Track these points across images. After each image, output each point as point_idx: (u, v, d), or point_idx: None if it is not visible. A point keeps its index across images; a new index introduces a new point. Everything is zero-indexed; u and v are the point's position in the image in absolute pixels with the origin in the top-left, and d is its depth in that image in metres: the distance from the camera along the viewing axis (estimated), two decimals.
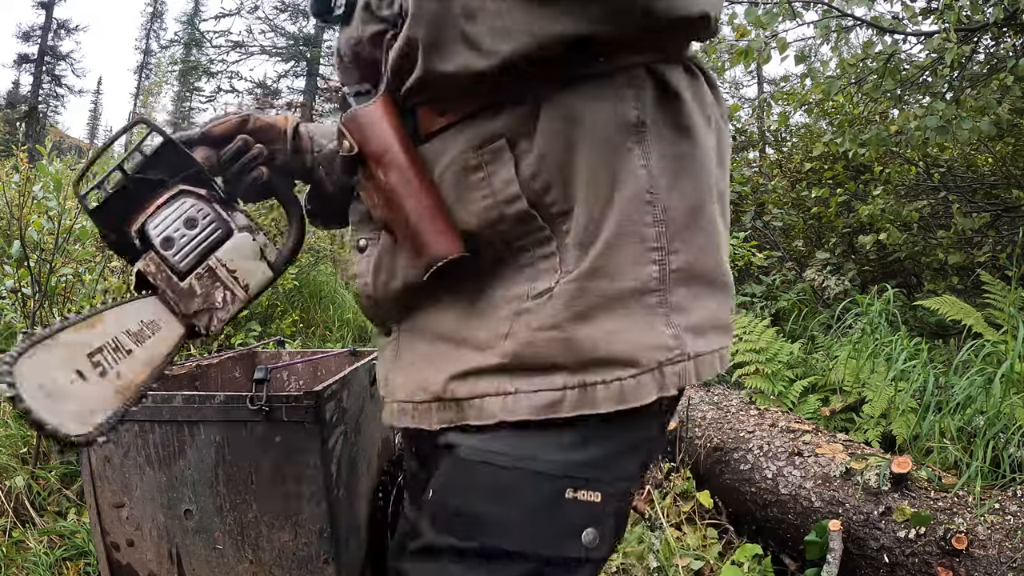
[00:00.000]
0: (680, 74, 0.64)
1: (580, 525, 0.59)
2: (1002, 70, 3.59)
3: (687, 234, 0.62)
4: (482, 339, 0.62)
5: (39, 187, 2.40)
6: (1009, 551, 1.43)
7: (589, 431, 0.59)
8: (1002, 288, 3.34)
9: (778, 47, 3.81)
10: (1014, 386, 2.17)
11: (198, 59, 22.42)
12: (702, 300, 0.63)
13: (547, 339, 0.59)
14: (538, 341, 0.59)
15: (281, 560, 1.27)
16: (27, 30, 25.31)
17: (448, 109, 0.63)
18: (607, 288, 0.59)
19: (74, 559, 1.85)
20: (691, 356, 0.61)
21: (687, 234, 0.62)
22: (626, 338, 0.59)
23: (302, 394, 1.21)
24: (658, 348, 0.59)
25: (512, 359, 0.59)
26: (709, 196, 0.65)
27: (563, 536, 0.59)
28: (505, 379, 0.60)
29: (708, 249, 0.64)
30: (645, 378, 0.58)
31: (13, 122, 20.18)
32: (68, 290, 2.53)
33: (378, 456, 1.70)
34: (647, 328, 0.59)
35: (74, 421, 0.57)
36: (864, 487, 1.71)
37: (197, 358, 1.84)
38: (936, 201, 4.76)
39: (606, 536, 0.60)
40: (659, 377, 0.59)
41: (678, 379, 0.60)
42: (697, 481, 2.18)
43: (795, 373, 3.12)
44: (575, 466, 0.59)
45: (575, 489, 0.58)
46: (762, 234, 5.90)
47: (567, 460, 0.59)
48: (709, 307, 0.64)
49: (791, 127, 6.98)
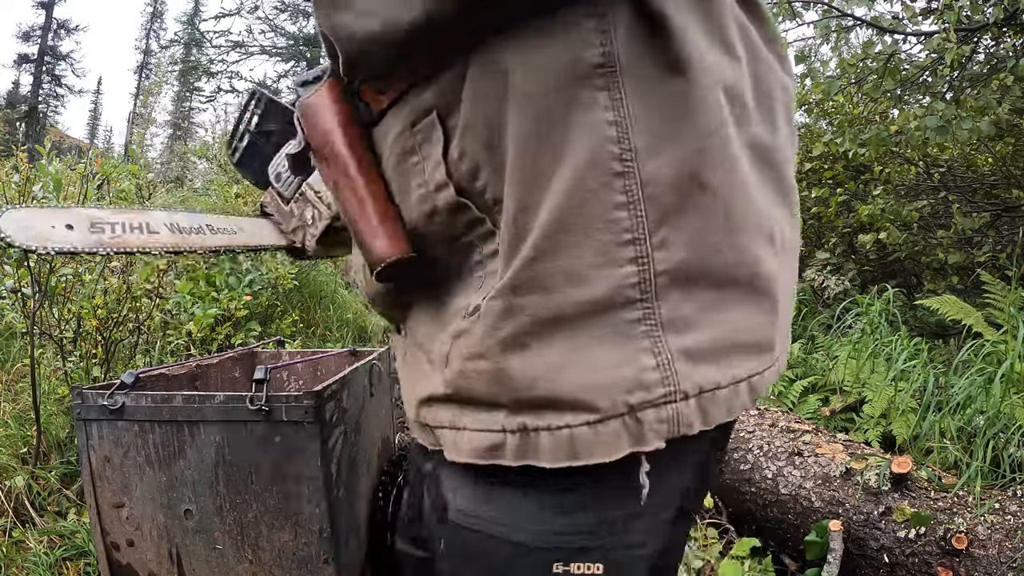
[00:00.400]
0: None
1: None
2: (1002, 70, 3.59)
3: (683, 216, 0.44)
4: (435, 358, 0.51)
5: (39, 187, 2.39)
6: (1009, 551, 1.43)
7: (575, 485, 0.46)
8: (1002, 288, 3.34)
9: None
10: (1014, 386, 2.17)
11: (198, 59, 22.42)
12: (717, 310, 0.46)
13: (475, 370, 0.46)
14: (468, 371, 0.47)
15: (281, 560, 1.27)
16: (27, 30, 25.33)
17: (387, 86, 0.52)
18: (544, 304, 0.44)
19: (74, 559, 1.85)
20: (690, 394, 0.44)
21: (683, 216, 0.44)
22: (578, 372, 0.44)
23: (302, 394, 1.21)
24: (630, 385, 0.43)
25: (454, 389, 0.49)
26: (719, 157, 0.45)
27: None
28: (454, 410, 0.50)
29: (719, 234, 0.45)
30: (608, 427, 0.43)
31: (13, 122, 20.17)
32: (68, 290, 2.52)
33: (378, 456, 1.70)
34: (613, 355, 0.44)
35: (29, 240, 0.69)
36: (864, 487, 1.71)
37: (197, 358, 1.84)
38: (936, 201, 4.76)
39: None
40: (631, 425, 0.43)
41: (667, 427, 0.44)
42: None
43: (795, 373, 3.12)
44: (561, 535, 0.46)
45: (567, 561, 0.46)
46: None
47: (549, 528, 0.46)
48: (729, 319, 0.46)
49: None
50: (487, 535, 0.48)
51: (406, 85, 0.51)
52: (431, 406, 0.52)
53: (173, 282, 3.02)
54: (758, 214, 0.48)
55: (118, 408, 1.24)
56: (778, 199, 0.52)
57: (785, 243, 0.52)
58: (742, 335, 0.47)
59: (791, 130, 0.55)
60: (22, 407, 2.60)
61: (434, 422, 0.52)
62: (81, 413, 1.25)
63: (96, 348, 2.52)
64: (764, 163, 0.50)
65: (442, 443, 0.52)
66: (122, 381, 1.26)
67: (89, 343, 2.54)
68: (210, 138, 22.45)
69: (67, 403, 2.47)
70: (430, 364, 0.52)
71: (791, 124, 0.55)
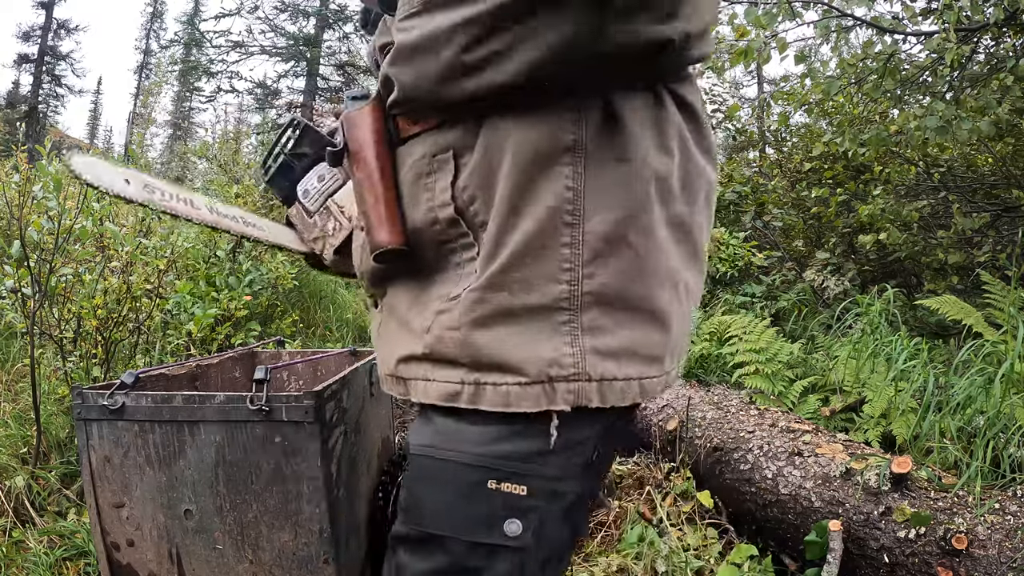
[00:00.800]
0: (636, 102, 0.64)
1: (502, 515, 0.62)
2: (1002, 70, 3.59)
3: (609, 259, 0.63)
4: (416, 328, 0.68)
5: (39, 187, 2.39)
6: (1009, 551, 1.43)
7: (512, 427, 0.63)
8: (1002, 288, 3.34)
9: (778, 47, 3.81)
10: (1014, 386, 2.17)
11: (198, 59, 22.41)
12: (624, 327, 0.63)
13: (450, 338, 0.64)
14: (444, 338, 0.64)
15: (281, 560, 1.27)
16: (27, 30, 25.32)
17: (419, 119, 0.70)
18: (505, 301, 0.62)
19: (74, 559, 1.85)
20: (592, 378, 0.62)
21: (609, 259, 0.63)
22: (519, 349, 0.62)
23: (302, 394, 1.22)
24: (551, 363, 0.61)
25: (430, 350, 0.66)
26: (642, 224, 0.64)
27: (483, 523, 0.62)
28: (427, 366, 0.67)
29: (634, 276, 0.63)
30: (533, 389, 0.61)
31: (13, 122, 20.17)
32: (68, 290, 2.52)
33: (378, 456, 1.70)
34: (544, 343, 0.62)
35: (98, 179, 0.80)
36: (864, 487, 1.71)
37: (197, 358, 1.84)
38: (936, 201, 4.76)
39: (538, 531, 0.63)
40: (549, 391, 0.61)
41: (573, 397, 0.61)
42: (697, 481, 2.18)
43: (795, 373, 3.12)
44: (496, 459, 0.62)
45: (498, 481, 0.62)
46: (762, 234, 5.90)
47: (488, 452, 0.63)
48: (631, 335, 0.64)
49: (791, 127, 6.98)
50: (438, 459, 0.64)
51: (432, 125, 0.68)
52: (408, 363, 0.69)
53: (173, 282, 3.02)
54: (667, 268, 0.66)
55: (118, 408, 1.24)
56: (689, 261, 0.71)
57: (690, 292, 0.71)
58: (639, 348, 0.65)
59: (710, 212, 0.75)
60: (22, 407, 2.60)
61: (408, 375, 0.69)
62: (81, 413, 1.25)
63: (96, 348, 2.52)
64: (682, 232, 0.69)
65: (412, 391, 0.69)
66: (122, 381, 1.26)
67: (89, 343, 2.54)
68: (210, 138, 22.41)
69: (67, 403, 2.47)
70: (410, 332, 0.69)
71: (710, 207, 0.75)
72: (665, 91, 0.67)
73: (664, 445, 2.43)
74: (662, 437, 2.45)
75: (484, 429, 0.63)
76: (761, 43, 3.74)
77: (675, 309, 0.68)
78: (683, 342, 0.72)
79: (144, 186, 0.87)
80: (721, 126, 8.32)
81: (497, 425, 0.63)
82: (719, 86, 10.47)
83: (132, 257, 2.64)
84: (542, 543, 0.64)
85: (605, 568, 1.77)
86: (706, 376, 3.52)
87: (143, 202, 0.85)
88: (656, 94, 0.66)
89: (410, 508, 0.67)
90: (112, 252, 2.74)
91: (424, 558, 0.65)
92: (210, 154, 6.64)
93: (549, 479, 0.63)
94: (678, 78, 0.68)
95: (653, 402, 2.67)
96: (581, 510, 0.70)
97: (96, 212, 2.55)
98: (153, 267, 2.78)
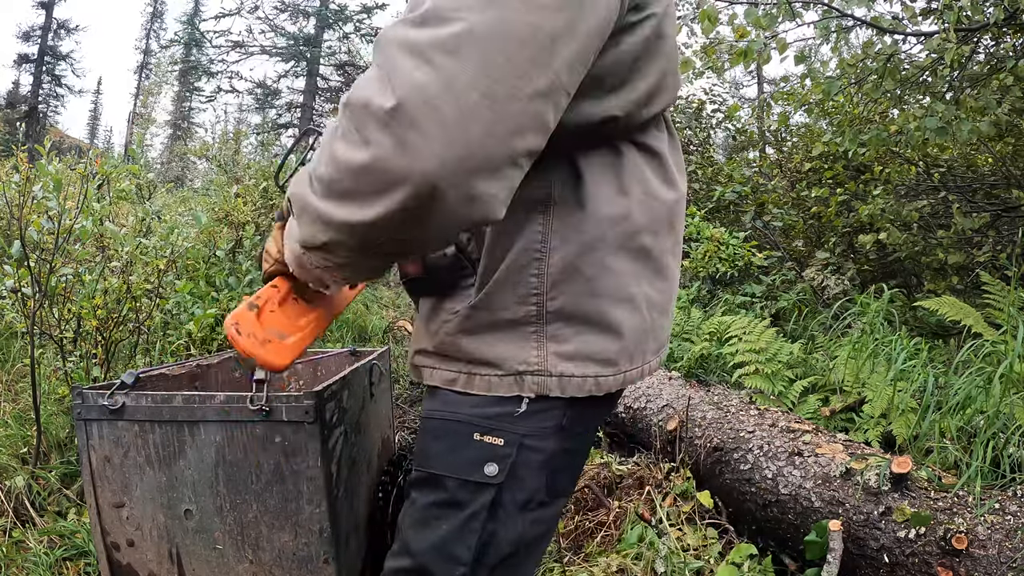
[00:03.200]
0: (594, 158, 0.79)
1: (484, 459, 0.80)
2: (1002, 70, 3.60)
3: (566, 285, 0.80)
4: (430, 330, 0.88)
5: (39, 187, 2.39)
6: (1009, 551, 1.44)
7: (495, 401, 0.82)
8: (1002, 288, 3.34)
9: (778, 47, 3.81)
10: (1014, 386, 2.17)
11: (198, 59, 22.42)
12: (580, 336, 0.81)
13: (451, 341, 0.84)
14: (446, 341, 0.85)
15: (281, 560, 1.27)
16: (27, 30, 25.32)
17: None
18: (487, 317, 0.81)
19: (74, 559, 1.85)
20: (553, 374, 0.80)
21: (566, 285, 0.80)
22: (498, 350, 0.81)
23: (302, 394, 1.22)
24: (521, 362, 0.81)
25: (437, 348, 0.86)
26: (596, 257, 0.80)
27: (471, 465, 0.81)
28: (435, 359, 0.87)
29: (588, 298, 0.80)
30: (507, 379, 0.81)
31: (13, 122, 20.18)
32: (68, 290, 2.52)
33: (378, 456, 1.70)
34: (517, 347, 0.81)
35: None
36: (864, 487, 1.71)
37: (197, 358, 1.84)
38: (936, 201, 4.76)
39: (516, 475, 0.81)
40: (519, 381, 0.81)
41: (537, 387, 0.80)
42: (697, 481, 2.18)
43: (795, 373, 3.12)
44: (481, 418, 0.81)
45: (481, 433, 0.81)
46: (762, 234, 5.90)
47: (476, 413, 0.82)
48: (587, 341, 0.81)
49: (791, 127, 6.98)
50: (440, 419, 0.84)
51: None
52: (421, 355, 0.89)
53: (173, 282, 3.02)
54: (619, 288, 0.82)
55: (118, 408, 1.24)
56: (653, 277, 0.87)
57: (652, 304, 0.87)
58: (593, 353, 0.82)
59: (674, 231, 0.90)
60: (22, 407, 2.60)
61: (421, 364, 0.89)
62: (81, 413, 1.25)
63: (96, 348, 2.52)
64: (642, 256, 0.84)
65: (424, 376, 0.88)
66: (122, 381, 1.26)
67: (89, 343, 2.54)
68: (210, 138, 22.37)
69: (67, 403, 2.47)
70: (426, 332, 0.88)
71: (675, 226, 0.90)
72: (625, 143, 0.82)
73: (664, 445, 2.43)
74: (662, 437, 2.45)
75: (474, 399, 0.83)
76: (761, 43, 3.74)
77: (629, 320, 0.83)
78: (646, 344, 0.87)
79: None
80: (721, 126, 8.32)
81: (483, 397, 0.82)
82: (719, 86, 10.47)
83: (132, 257, 2.65)
84: (515, 484, 0.81)
85: (605, 568, 1.77)
86: (706, 376, 3.52)
87: None
88: (614, 147, 0.81)
89: (420, 455, 0.86)
90: (112, 252, 2.74)
91: (428, 493, 0.84)
92: (210, 154, 6.64)
93: (519, 435, 0.81)
94: (637, 130, 0.82)
95: (653, 402, 2.67)
96: (561, 469, 0.86)
97: (96, 212, 2.55)
98: (153, 267, 2.78)
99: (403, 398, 3.53)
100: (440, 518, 0.82)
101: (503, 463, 0.81)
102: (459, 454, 0.81)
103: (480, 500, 0.81)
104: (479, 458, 0.80)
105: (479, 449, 0.81)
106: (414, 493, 0.86)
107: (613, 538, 1.97)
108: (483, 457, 0.80)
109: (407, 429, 3.07)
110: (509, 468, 0.81)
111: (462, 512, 0.81)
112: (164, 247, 2.90)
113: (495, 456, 0.80)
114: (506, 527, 0.82)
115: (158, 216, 4.26)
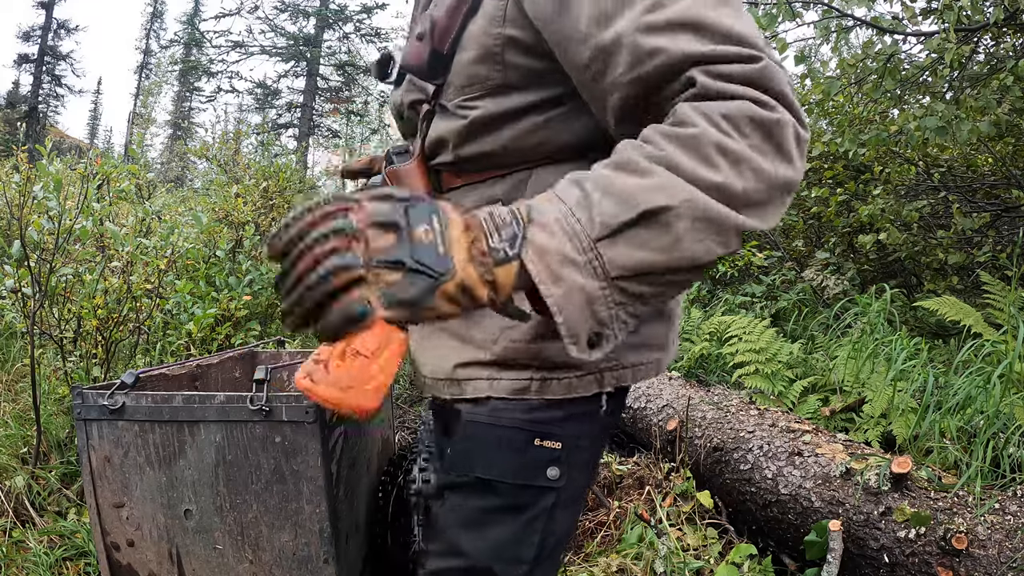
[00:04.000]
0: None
1: (546, 463, 0.81)
2: (1002, 70, 3.59)
3: None
4: (478, 340, 0.83)
5: (39, 187, 2.39)
6: (1009, 551, 1.44)
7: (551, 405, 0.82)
8: (1002, 288, 3.34)
9: (778, 47, 3.81)
10: (1014, 386, 2.17)
11: (198, 59, 22.42)
12: (647, 324, 0.84)
13: (524, 348, 0.81)
14: (518, 348, 0.81)
15: (281, 560, 1.27)
16: (27, 30, 25.31)
17: (464, 173, 0.85)
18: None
19: (74, 559, 1.85)
20: (627, 365, 0.82)
21: None
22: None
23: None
24: (600, 360, 0.79)
25: (499, 358, 0.82)
26: None
27: (531, 470, 0.81)
28: (493, 369, 0.83)
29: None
30: (588, 378, 0.81)
31: (13, 122, 20.18)
32: (68, 290, 2.52)
33: (378, 456, 1.70)
34: None
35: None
36: (864, 487, 1.71)
37: (197, 358, 1.84)
38: (936, 201, 4.76)
39: (571, 475, 0.83)
40: (599, 377, 0.81)
41: (616, 380, 0.81)
42: (697, 481, 2.18)
43: (795, 373, 3.12)
44: (540, 423, 0.81)
45: (541, 439, 0.81)
46: (762, 234, 5.90)
47: (532, 418, 0.81)
48: (650, 328, 0.85)
49: None
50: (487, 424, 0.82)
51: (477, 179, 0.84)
52: (473, 367, 0.83)
53: (173, 282, 3.02)
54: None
55: (118, 408, 1.24)
56: None
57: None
58: (654, 338, 0.85)
59: None
60: (22, 407, 2.60)
61: (470, 377, 0.83)
62: (81, 413, 1.25)
63: (96, 348, 2.52)
64: None
65: (468, 390, 0.83)
66: (122, 381, 1.26)
67: (89, 343, 2.54)
68: (210, 138, 22.37)
69: (67, 403, 2.47)
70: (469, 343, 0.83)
71: None
72: None
73: (664, 445, 2.43)
74: (662, 437, 2.45)
75: (527, 405, 0.82)
76: None
77: (672, 303, 0.87)
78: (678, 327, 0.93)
79: None
80: None
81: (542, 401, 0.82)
82: None
83: (132, 257, 2.65)
84: (570, 485, 0.83)
85: (605, 568, 1.77)
86: (706, 376, 3.52)
87: None
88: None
89: (457, 461, 0.84)
90: (112, 252, 2.74)
91: (479, 498, 0.83)
92: (210, 154, 6.63)
93: (574, 436, 0.82)
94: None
95: (653, 402, 2.67)
96: (597, 461, 0.91)
97: (96, 212, 2.55)
98: (153, 267, 2.78)
99: (403, 398, 3.53)
100: (498, 522, 0.83)
101: (562, 466, 0.82)
102: (516, 460, 0.82)
103: (542, 503, 0.82)
104: (540, 462, 0.82)
105: (539, 453, 0.81)
106: (455, 498, 0.86)
107: (613, 538, 1.97)
108: (544, 461, 0.82)
109: (407, 429, 3.08)
110: (567, 470, 0.82)
111: (522, 515, 0.82)
112: (164, 247, 2.90)
113: (555, 460, 0.82)
114: (560, 523, 0.85)
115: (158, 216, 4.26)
